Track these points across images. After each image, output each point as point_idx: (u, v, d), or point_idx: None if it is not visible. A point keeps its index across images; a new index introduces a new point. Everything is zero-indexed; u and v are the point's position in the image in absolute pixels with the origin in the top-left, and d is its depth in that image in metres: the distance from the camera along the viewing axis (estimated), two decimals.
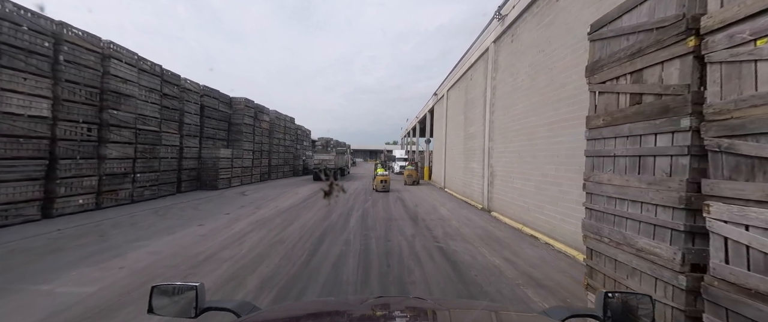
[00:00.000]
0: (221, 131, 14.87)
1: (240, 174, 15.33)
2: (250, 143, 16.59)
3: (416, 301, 1.24)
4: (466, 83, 11.84)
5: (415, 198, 11.65)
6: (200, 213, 7.96)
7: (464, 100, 11.93)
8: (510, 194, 7.39)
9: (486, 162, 9.00)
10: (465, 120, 11.74)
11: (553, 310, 1.12)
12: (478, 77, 10.23)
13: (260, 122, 18.01)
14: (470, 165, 10.84)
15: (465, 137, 11.63)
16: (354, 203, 10.08)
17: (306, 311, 1.13)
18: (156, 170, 10.27)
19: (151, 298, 1.02)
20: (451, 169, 13.95)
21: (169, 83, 10.95)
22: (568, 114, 5.23)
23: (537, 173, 6.16)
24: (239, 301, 1.11)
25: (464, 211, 8.94)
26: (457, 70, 13.12)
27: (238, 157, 15.07)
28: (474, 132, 10.50)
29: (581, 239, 2.78)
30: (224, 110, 15.00)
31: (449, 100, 14.94)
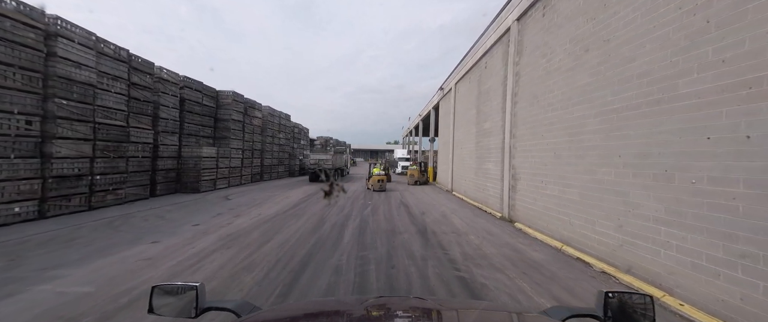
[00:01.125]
0: (206, 128, 13.50)
1: (227, 175, 13.96)
2: (240, 141, 15.22)
3: (417, 301, 1.22)
4: (479, 73, 10.44)
5: (421, 203, 10.27)
6: (164, 224, 6.59)
7: (476, 92, 10.55)
8: (541, 202, 6.01)
9: (506, 162, 7.61)
10: (477, 115, 10.35)
11: (553, 310, 1.11)
12: (495, 64, 8.84)
13: (251, 119, 16.64)
14: (485, 166, 9.45)
15: (478, 134, 10.24)
16: (351, 209, 8.70)
17: (306, 311, 1.13)
18: (122, 171, 8.90)
19: (152, 298, 1.02)
20: (460, 170, 12.56)
21: (139, 71, 9.57)
22: (638, 99, 3.84)
23: (584, 177, 4.77)
24: (239, 301, 1.11)
25: (481, 221, 7.56)
26: (467, 60, 11.73)
27: (224, 156, 13.69)
28: (489, 128, 9.11)
29: (666, 273, 1.42)
30: (209, 105, 13.63)
31: (457, 94, 13.55)
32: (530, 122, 6.58)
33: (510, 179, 7.44)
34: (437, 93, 18.22)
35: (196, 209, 8.39)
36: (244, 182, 15.78)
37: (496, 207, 8.29)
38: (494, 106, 8.81)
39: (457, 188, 12.91)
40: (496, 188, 8.43)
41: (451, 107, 14.29)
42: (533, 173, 6.37)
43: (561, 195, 5.36)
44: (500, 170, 8.15)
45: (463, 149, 12.16)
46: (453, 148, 13.97)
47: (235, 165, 14.75)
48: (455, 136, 13.73)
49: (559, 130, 5.51)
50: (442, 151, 16.98)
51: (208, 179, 12.41)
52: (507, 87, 7.79)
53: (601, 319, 1.00)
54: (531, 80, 6.63)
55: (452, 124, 14.06)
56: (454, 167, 13.71)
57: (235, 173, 14.79)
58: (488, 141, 9.19)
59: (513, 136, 7.40)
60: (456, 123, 13.68)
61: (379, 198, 11.39)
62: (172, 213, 7.79)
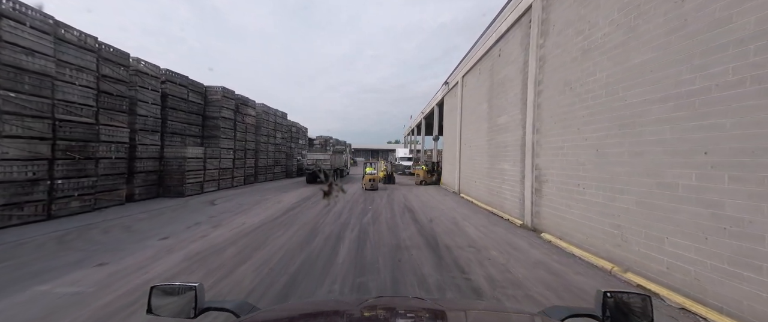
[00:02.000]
0: (193, 126, 12.47)
1: (216, 177, 12.93)
2: (231, 141, 14.19)
3: (416, 301, 1.21)
4: (490, 63, 9.38)
5: (427, 207, 9.22)
6: (126, 238, 5.55)
7: (488, 84, 9.48)
8: (577, 211, 4.95)
9: (528, 162, 6.55)
10: (490, 109, 9.28)
11: (552, 309, 1.11)
12: (512, 50, 7.78)
13: (244, 116, 15.61)
14: (499, 166, 8.38)
15: (490, 131, 9.18)
16: (350, 215, 7.66)
17: (305, 312, 1.12)
18: (90, 175, 7.87)
19: (151, 298, 1.02)
20: (469, 170, 11.50)
21: (111, 63, 8.55)
22: (739, 73, 2.78)
23: (645, 180, 3.72)
24: (239, 301, 1.10)
25: (499, 230, 6.51)
26: (477, 49, 10.66)
27: (213, 156, 12.67)
28: (505, 123, 8.05)
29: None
30: (196, 101, 12.60)
31: (465, 88, 12.48)
32: (560, 114, 5.52)
33: (533, 181, 6.38)
34: (442, 88, 17.15)
35: (173, 218, 7.37)
36: (237, 185, 14.76)
37: (515, 213, 7.23)
38: (511, 98, 7.74)
39: (466, 190, 11.84)
40: (514, 191, 7.37)
41: (458, 103, 13.22)
42: (566, 174, 5.31)
43: (608, 203, 4.30)
44: (519, 171, 7.09)
45: (473, 148, 11.09)
46: (460, 147, 12.91)
47: (226, 166, 13.73)
48: (463, 134, 12.67)
49: (603, 121, 4.45)
50: (448, 151, 15.92)
51: (194, 182, 11.38)
52: (528, 75, 6.73)
53: (599, 319, 1.01)
54: (561, 64, 5.56)
55: (459, 121, 12.99)
56: (462, 167, 12.64)
57: (226, 175, 13.76)
58: (504, 138, 8.13)
59: (537, 131, 6.34)
60: (463, 119, 12.61)
61: (381, 201, 10.35)
62: (142, 223, 6.76)
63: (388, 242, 5.43)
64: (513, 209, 7.42)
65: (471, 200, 10.60)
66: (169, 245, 5.07)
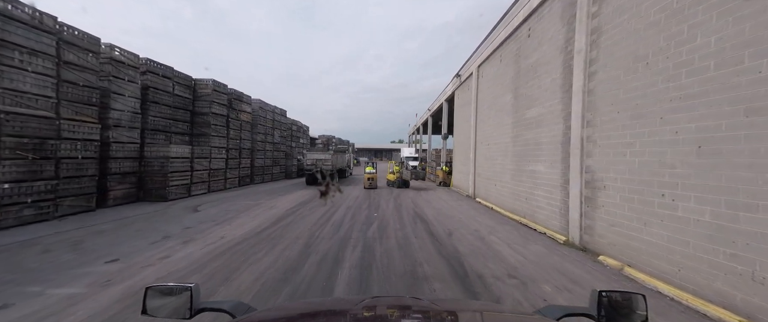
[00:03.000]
0: (179, 123, 11.32)
1: (206, 179, 11.77)
2: (223, 139, 13.03)
3: (412, 300, 1.18)
4: (516, 46, 8.03)
5: (442, 215, 7.91)
6: (66, 261, 4.35)
7: (513, 71, 8.14)
8: (662, 230, 3.63)
9: (575, 163, 5.22)
10: (515, 100, 7.94)
11: (548, 309, 1.12)
12: (548, 27, 6.44)
13: (239, 113, 14.45)
14: (529, 167, 7.05)
15: (516, 126, 7.84)
16: (351, 226, 6.40)
17: (302, 312, 1.11)
18: (48, 177, 6.73)
19: (146, 299, 1.01)
20: (488, 172, 10.16)
21: (76, 48, 7.39)
22: None
23: None
24: (234, 301, 1.09)
25: (538, 249, 5.19)
26: (497, 33, 9.31)
27: (202, 156, 11.51)
28: (538, 116, 6.71)
29: None
30: (183, 95, 11.44)
31: (481, 80, 11.14)
32: (628, 100, 4.18)
33: (582, 187, 5.04)
34: (452, 82, 15.80)
35: (141, 229, 6.17)
36: (230, 186, 13.60)
37: (554, 226, 5.89)
38: (546, 85, 6.40)
39: (483, 194, 10.50)
40: (552, 198, 6.03)
41: (472, 96, 11.87)
42: (639, 180, 3.97)
43: (724, 223, 2.97)
44: (559, 174, 5.76)
45: (492, 146, 9.74)
46: (475, 146, 11.56)
47: (218, 167, 12.57)
48: (478, 131, 11.32)
49: (712, 105, 3.12)
50: (459, 150, 14.57)
51: (180, 185, 10.22)
52: (572, 54, 5.39)
53: (595, 318, 1.01)
54: (628, 34, 4.22)
55: (473, 117, 11.65)
56: (478, 168, 11.30)
57: (218, 176, 12.60)
58: (535, 134, 6.79)
59: (587, 124, 5.00)
60: (479, 115, 11.27)
61: (387, 207, 9.07)
62: (100, 237, 5.56)
63: (400, 268, 4.15)
64: (550, 219, 6.08)
65: (490, 207, 9.26)
66: (110, 274, 3.85)
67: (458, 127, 14.99)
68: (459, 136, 14.81)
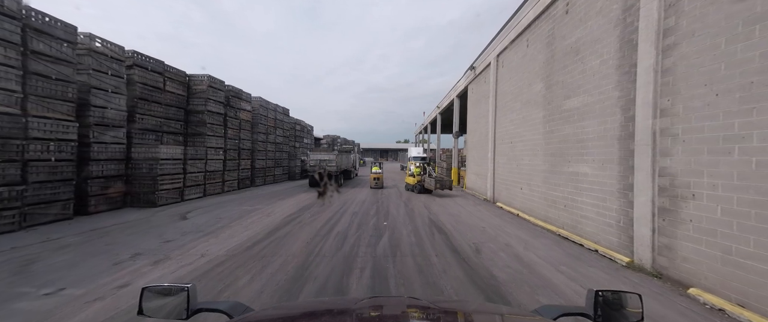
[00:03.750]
0: (172, 122, 10.49)
1: (201, 181, 10.92)
2: (220, 139, 12.17)
3: (411, 300, 1.19)
4: (549, 25, 6.90)
5: (461, 223, 6.84)
6: (8, 288, 3.44)
7: (545, 56, 7.01)
8: None
9: (644, 164, 4.11)
10: (548, 90, 6.82)
11: (544, 308, 1.11)
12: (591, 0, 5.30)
13: (237, 111, 13.60)
14: (569, 168, 5.93)
15: (550, 119, 6.72)
16: (358, 239, 5.38)
17: (300, 312, 1.09)
18: (14, 183, 5.90)
19: (142, 299, 0.99)
20: (512, 173, 9.02)
21: (47, 36, 6.56)
22: None
23: None
24: (231, 302, 1.08)
25: (597, 274, 4.09)
26: (522, 15, 8.19)
27: (197, 157, 10.66)
28: (582, 106, 5.59)
29: None
30: (176, 92, 10.60)
31: (502, 70, 10.01)
32: (734, 76, 3.07)
33: (654, 194, 3.92)
34: (465, 75, 14.67)
35: (111, 244, 5.26)
36: (229, 189, 12.75)
37: (611, 243, 4.76)
38: (593, 67, 5.27)
39: (505, 199, 9.37)
40: (605, 207, 4.91)
41: (490, 89, 10.75)
42: (755, 187, 2.85)
43: None
44: (617, 176, 4.64)
45: (516, 144, 8.61)
46: (494, 144, 10.43)
47: (215, 169, 11.72)
48: (498, 127, 10.19)
49: None
50: (474, 149, 13.44)
51: (171, 188, 9.37)
52: (638, 24, 4.26)
53: (591, 317, 1.01)
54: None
55: (492, 112, 10.52)
56: (498, 168, 10.17)
57: (215, 179, 11.75)
58: (579, 128, 5.66)
59: (663, 113, 3.88)
60: (499, 109, 10.13)
61: (398, 213, 8.04)
62: (57, 255, 4.67)
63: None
64: (601, 233, 4.96)
65: (515, 213, 8.14)
66: (39, 315, 2.91)
67: (472, 124, 13.85)
68: (473, 134, 13.67)
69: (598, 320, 0.99)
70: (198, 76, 11.38)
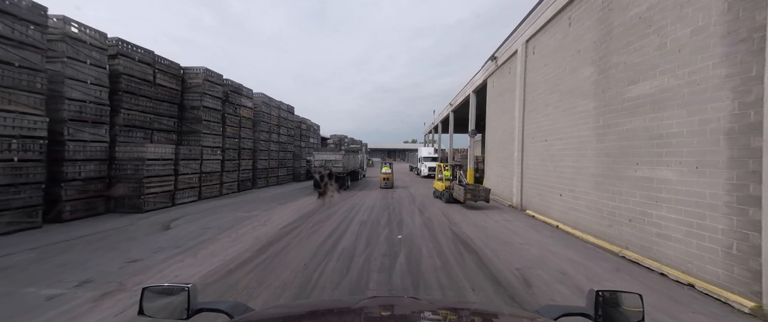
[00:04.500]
0: (164, 118, 9.58)
1: (196, 184, 10.00)
2: (218, 138, 11.25)
3: (411, 301, 1.17)
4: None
5: (493, 238, 5.62)
6: None
7: (598, 33, 5.73)
8: None
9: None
10: (601, 75, 5.55)
11: (545, 309, 1.12)
12: None
13: (237, 108, 12.68)
14: (637, 172, 4.66)
15: (605, 111, 5.44)
16: (368, 258, 4.24)
17: (300, 312, 1.10)
18: None
19: (142, 299, 0.99)
20: (546, 176, 7.74)
21: (9, 16, 5.66)
22: None
23: None
24: (232, 302, 1.08)
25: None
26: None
27: (190, 157, 9.74)
28: (658, 92, 4.36)
29: None
30: (168, 85, 9.69)
31: (533, 57, 8.72)
32: None
33: None
34: (483, 68, 13.39)
35: (65, 264, 4.27)
36: (228, 192, 11.82)
37: (716, 277, 3.50)
38: (679, 39, 4.02)
39: (537, 206, 8.09)
40: (707, 226, 3.64)
41: (517, 80, 9.47)
42: None
43: None
44: (722, 184, 3.39)
45: (553, 143, 7.34)
46: (522, 143, 9.15)
47: (211, 170, 10.79)
48: (527, 123, 8.91)
49: None
50: (496, 149, 12.15)
51: (160, 192, 8.44)
52: None
53: (592, 317, 1.01)
54: None
55: (519, 106, 9.24)
56: (526, 170, 8.88)
57: (212, 181, 10.83)
58: (654, 120, 4.40)
59: None
60: (529, 103, 8.85)
61: (414, 224, 6.88)
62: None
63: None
64: (696, 261, 3.68)
65: (554, 224, 6.87)
66: None
67: (493, 120, 12.55)
68: (494, 131, 12.37)
69: (598, 320, 0.99)
70: (193, 69, 10.47)
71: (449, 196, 9.71)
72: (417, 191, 14.01)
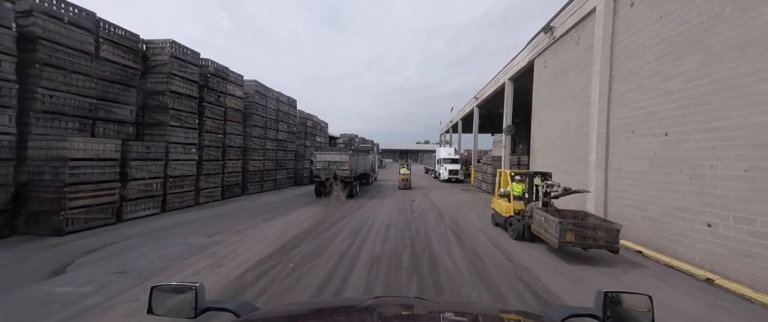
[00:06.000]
0: (113, 105, 7.26)
1: (158, 191, 7.66)
2: (191, 132, 8.91)
3: (416, 301, 1.16)
4: None
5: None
6: None
7: None
8: None
9: None
10: None
11: (552, 309, 1.10)
12: None
13: (223, 97, 10.35)
14: None
15: None
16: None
17: (306, 311, 1.10)
18: None
19: (151, 298, 1.01)
20: (669, 192, 4.90)
21: None
22: None
23: None
24: (239, 301, 1.09)
25: None
26: None
27: (149, 157, 7.41)
28: None
29: None
30: (121, 61, 7.34)
31: (631, 11, 5.89)
32: None
33: None
34: (531, 47, 10.54)
35: None
36: (207, 200, 9.47)
37: None
38: None
39: (648, 238, 5.27)
40: None
41: (596, 51, 6.66)
42: None
43: None
44: None
45: (685, 137, 4.55)
46: (607, 139, 6.32)
47: (183, 173, 8.45)
48: (620, 110, 6.08)
49: None
50: (549, 149, 9.28)
51: (95, 205, 6.09)
52: None
53: (600, 319, 0.99)
54: None
55: (603, 86, 6.41)
56: (615, 181, 6.05)
57: (183, 187, 8.48)
58: None
59: None
60: (621, 79, 6.03)
61: (455, 266, 4.21)
62: None
63: None
64: None
65: (700, 275, 4.03)
66: None
67: (544, 112, 9.68)
68: (547, 126, 9.50)
69: (607, 321, 0.98)
70: (157, 43, 8.13)
71: (524, 230, 5.65)
72: (440, 199, 11.27)
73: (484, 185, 14.91)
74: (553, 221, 4.70)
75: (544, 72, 9.59)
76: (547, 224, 4.91)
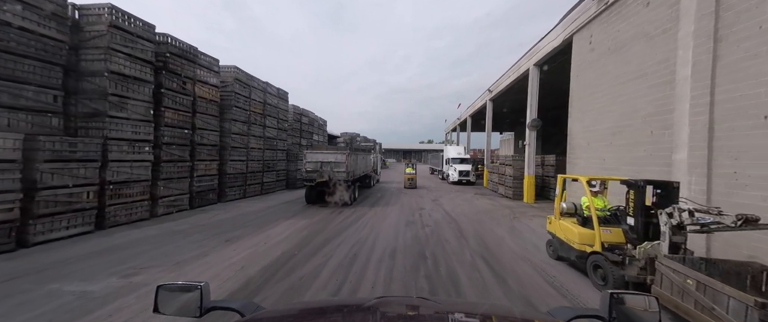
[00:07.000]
0: (27, 88, 5.40)
1: (89, 203, 5.80)
2: (145, 126, 7.05)
3: (420, 301, 1.15)
4: None
5: None
6: None
7: None
8: None
9: None
10: None
11: (557, 310, 1.08)
12: None
13: (191, 83, 8.51)
14: None
15: None
16: None
17: (310, 311, 1.11)
18: None
19: (157, 297, 1.01)
20: None
21: None
22: None
23: None
24: (244, 301, 1.09)
25: None
26: None
27: (75, 157, 5.57)
28: None
29: None
30: (36, 30, 5.47)
31: None
32: None
33: None
34: (569, 20, 8.58)
35: None
36: (168, 211, 7.63)
37: None
38: None
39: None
40: None
41: (679, 11, 4.73)
42: None
43: None
44: None
45: None
46: (711, 129, 4.40)
47: (131, 177, 6.60)
48: (721, 86, 4.14)
49: None
50: (596, 146, 7.32)
51: None
52: None
53: (606, 320, 0.98)
54: None
55: (707, 55, 4.47)
56: (735, 189, 4.07)
57: (133, 196, 6.63)
58: None
59: None
60: (724, 42, 4.08)
61: None
62: None
63: None
64: None
65: None
66: None
67: (590, 100, 7.71)
68: (595, 117, 7.52)
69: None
70: (91, 8, 6.27)
71: (627, 286, 3.19)
72: (454, 207, 9.32)
73: (501, 188, 12.95)
74: (743, 300, 2.17)
75: (589, 50, 7.63)
76: (714, 301, 2.37)
